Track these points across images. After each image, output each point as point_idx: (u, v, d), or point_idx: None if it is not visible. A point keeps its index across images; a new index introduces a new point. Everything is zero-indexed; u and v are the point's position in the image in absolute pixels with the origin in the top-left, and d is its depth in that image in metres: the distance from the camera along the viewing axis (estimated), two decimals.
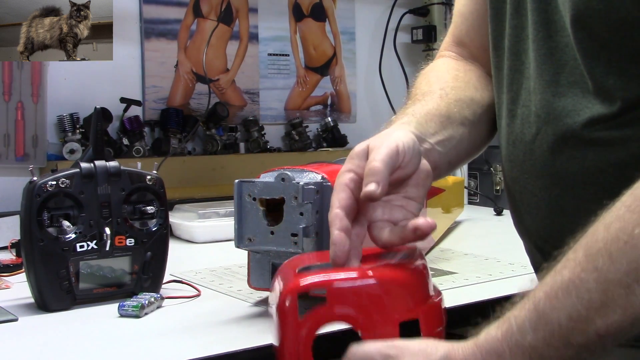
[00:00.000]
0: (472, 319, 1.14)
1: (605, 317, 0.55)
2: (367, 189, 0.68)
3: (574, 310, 0.56)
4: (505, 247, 1.43)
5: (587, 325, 0.56)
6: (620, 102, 0.65)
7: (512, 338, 0.59)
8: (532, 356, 0.58)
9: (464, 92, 0.88)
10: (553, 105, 0.71)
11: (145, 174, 1.03)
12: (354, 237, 0.70)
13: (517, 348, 0.58)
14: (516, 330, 0.59)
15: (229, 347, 0.81)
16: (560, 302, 0.57)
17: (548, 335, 0.57)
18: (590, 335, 0.56)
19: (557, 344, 0.57)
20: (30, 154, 1.67)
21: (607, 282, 0.55)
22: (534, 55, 0.73)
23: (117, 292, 1.01)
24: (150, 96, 1.90)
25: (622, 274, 0.55)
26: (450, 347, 0.62)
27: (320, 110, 2.20)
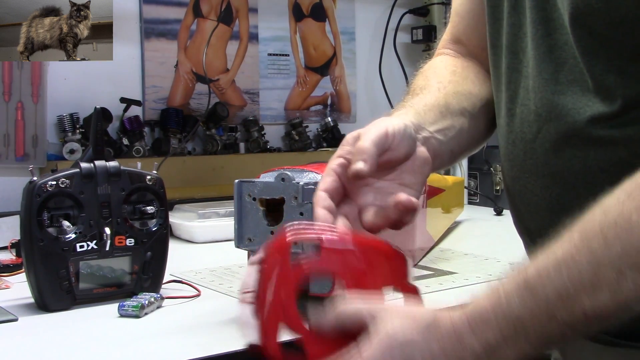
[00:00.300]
0: None
1: (593, 297, 0.55)
2: (354, 166, 0.68)
3: (563, 288, 0.57)
4: (505, 247, 1.43)
5: (575, 303, 0.56)
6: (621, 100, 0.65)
7: (499, 308, 0.59)
8: (517, 327, 0.58)
9: (462, 85, 0.88)
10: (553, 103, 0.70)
11: (145, 174, 1.03)
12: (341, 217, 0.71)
13: (504, 318, 0.59)
14: (504, 302, 0.59)
15: (229, 347, 0.81)
16: (551, 279, 0.57)
17: (535, 309, 0.58)
18: (576, 314, 0.56)
19: (543, 318, 0.57)
20: (30, 154, 1.67)
21: (599, 264, 0.55)
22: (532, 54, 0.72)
23: (117, 292, 1.01)
24: (150, 96, 1.90)
25: (615, 257, 0.55)
26: (439, 313, 0.62)
27: (320, 110, 2.21)
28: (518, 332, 0.58)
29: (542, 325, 0.58)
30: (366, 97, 2.28)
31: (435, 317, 0.62)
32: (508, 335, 0.59)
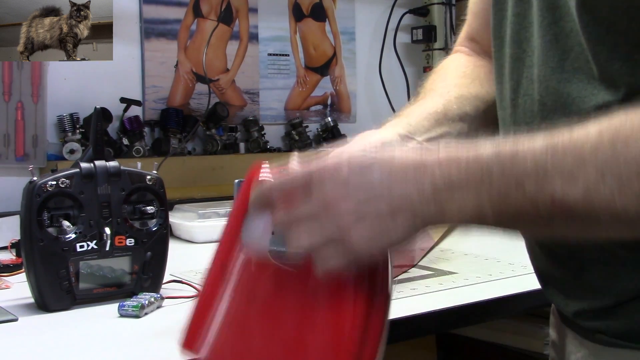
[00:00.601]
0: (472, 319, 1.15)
1: (567, 186, 0.55)
2: None
3: (543, 163, 0.56)
4: (505, 247, 1.43)
5: (547, 182, 0.55)
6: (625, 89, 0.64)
7: (473, 154, 0.59)
8: (483, 175, 0.57)
9: (468, 89, 0.89)
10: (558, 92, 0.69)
11: (145, 174, 1.03)
12: None
13: (475, 161, 0.58)
14: (481, 152, 0.58)
15: None
16: (534, 153, 0.56)
17: (508, 169, 0.57)
18: (544, 193, 0.55)
19: (511, 181, 0.56)
20: (30, 154, 1.67)
21: (584, 161, 0.54)
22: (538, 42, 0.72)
23: (117, 292, 1.01)
24: (150, 96, 1.90)
25: (602, 160, 0.54)
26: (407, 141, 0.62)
27: (320, 110, 2.21)
28: (483, 181, 0.57)
29: (508, 187, 0.57)
30: (366, 97, 2.28)
31: (404, 141, 0.61)
32: (472, 179, 0.58)
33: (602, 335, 0.71)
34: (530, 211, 0.57)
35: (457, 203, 0.59)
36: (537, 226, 0.59)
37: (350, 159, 0.62)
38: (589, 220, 0.56)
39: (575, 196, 0.55)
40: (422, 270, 1.22)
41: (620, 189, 0.53)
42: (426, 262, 1.28)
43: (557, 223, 0.57)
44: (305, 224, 0.63)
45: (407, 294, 1.05)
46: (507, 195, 0.57)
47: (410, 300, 1.03)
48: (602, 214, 0.55)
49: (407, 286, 1.10)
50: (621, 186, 0.53)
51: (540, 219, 0.57)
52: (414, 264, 1.24)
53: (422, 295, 1.05)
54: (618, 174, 0.53)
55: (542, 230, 0.60)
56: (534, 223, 0.59)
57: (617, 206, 0.54)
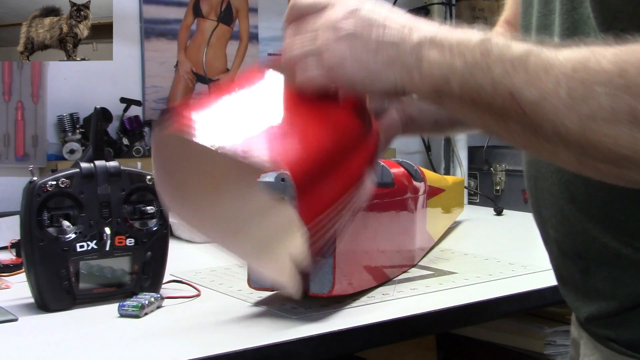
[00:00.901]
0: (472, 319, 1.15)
1: (527, 84, 0.57)
2: None
3: (510, 59, 0.58)
4: (505, 247, 1.43)
5: (513, 74, 0.58)
6: None
7: (453, 30, 0.63)
8: (463, 46, 0.61)
9: None
10: None
11: (145, 174, 1.03)
12: None
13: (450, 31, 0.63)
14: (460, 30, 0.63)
15: (229, 347, 0.81)
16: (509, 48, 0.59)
17: (486, 48, 0.60)
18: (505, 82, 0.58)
19: (484, 59, 0.59)
20: (30, 154, 1.67)
21: (549, 70, 0.56)
22: (558, 30, 0.72)
23: (117, 292, 1.01)
24: (150, 96, 1.90)
25: (562, 75, 0.56)
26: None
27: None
28: (461, 51, 0.61)
29: (480, 63, 0.59)
30: None
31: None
32: (455, 44, 0.62)
33: (613, 343, 0.71)
34: (489, 94, 0.59)
35: (433, 60, 0.62)
36: (491, 115, 0.61)
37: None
38: (535, 126, 0.57)
39: (530, 97, 0.57)
40: (422, 270, 1.22)
41: (569, 106, 0.55)
42: (426, 262, 1.28)
43: (508, 118, 0.59)
44: (302, 37, 0.68)
45: (407, 294, 1.05)
46: (475, 68, 0.60)
47: (410, 300, 1.03)
48: (547, 124, 0.56)
49: (407, 286, 1.10)
50: (571, 104, 0.55)
51: (495, 107, 0.60)
52: (414, 264, 1.24)
53: (422, 295, 1.06)
54: (571, 91, 0.55)
55: (493, 122, 0.62)
56: (488, 109, 0.60)
57: (562, 121, 0.56)
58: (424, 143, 2.25)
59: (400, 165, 1.22)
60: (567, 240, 0.74)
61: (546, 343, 1.46)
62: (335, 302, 0.98)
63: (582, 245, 0.72)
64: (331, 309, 0.96)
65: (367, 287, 1.06)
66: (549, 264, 0.81)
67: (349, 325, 0.90)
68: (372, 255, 1.08)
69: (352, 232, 0.98)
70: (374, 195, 1.05)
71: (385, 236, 1.10)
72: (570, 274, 0.76)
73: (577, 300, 0.76)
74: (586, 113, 0.54)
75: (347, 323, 0.91)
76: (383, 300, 1.02)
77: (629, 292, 0.68)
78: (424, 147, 2.26)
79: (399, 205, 1.15)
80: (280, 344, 0.84)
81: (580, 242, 0.72)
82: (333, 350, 0.89)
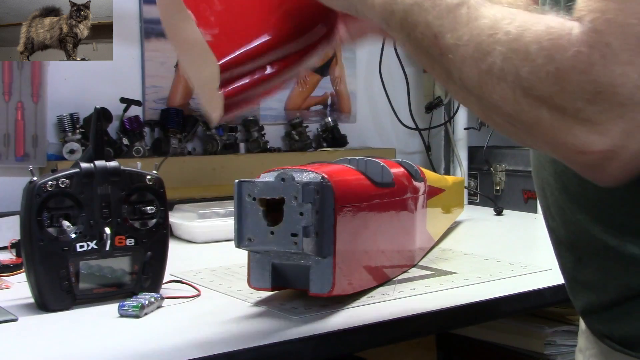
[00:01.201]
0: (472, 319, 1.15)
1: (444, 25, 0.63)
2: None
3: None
4: (505, 247, 1.43)
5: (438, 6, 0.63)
6: None
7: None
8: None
9: None
10: None
11: (145, 174, 1.03)
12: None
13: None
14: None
15: (229, 347, 0.81)
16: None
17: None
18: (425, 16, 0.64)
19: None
20: (30, 154, 1.67)
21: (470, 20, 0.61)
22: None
23: (117, 292, 1.01)
24: (150, 96, 1.90)
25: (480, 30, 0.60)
26: None
27: (320, 110, 2.20)
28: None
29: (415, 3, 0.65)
30: (366, 97, 2.28)
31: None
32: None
33: (608, 340, 0.73)
34: (420, 32, 0.64)
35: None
36: (422, 52, 0.66)
37: None
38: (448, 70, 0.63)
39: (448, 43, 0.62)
40: (422, 270, 1.22)
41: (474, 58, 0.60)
42: (426, 262, 1.28)
43: (432, 58, 0.64)
44: None
45: (407, 294, 1.05)
46: (415, 7, 0.65)
47: (410, 300, 1.03)
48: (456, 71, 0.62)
49: (407, 286, 1.10)
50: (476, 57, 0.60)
51: (424, 45, 0.65)
52: (414, 264, 1.24)
53: (422, 295, 1.06)
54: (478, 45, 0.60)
55: (423, 58, 0.67)
56: (419, 46, 0.66)
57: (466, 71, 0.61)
58: (424, 143, 2.25)
59: (400, 165, 1.22)
60: (563, 230, 0.76)
61: (546, 343, 1.46)
62: (335, 302, 0.98)
63: (575, 235, 0.74)
64: (331, 309, 0.96)
65: (367, 287, 1.06)
66: (549, 264, 0.82)
67: (349, 325, 0.90)
68: (372, 255, 1.08)
69: (352, 232, 0.98)
70: (374, 195, 1.05)
71: (385, 236, 1.10)
72: (566, 264, 0.78)
73: (573, 290, 0.78)
74: (484, 68, 0.59)
75: (347, 323, 0.91)
76: (383, 300, 1.02)
77: (617, 285, 0.70)
78: (424, 147, 2.26)
79: (399, 205, 1.15)
80: (280, 344, 0.84)
81: (572, 233, 0.74)
82: (333, 350, 0.89)
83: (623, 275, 0.69)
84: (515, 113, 0.59)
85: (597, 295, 0.73)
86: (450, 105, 2.29)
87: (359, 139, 2.22)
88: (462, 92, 0.63)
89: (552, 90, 0.56)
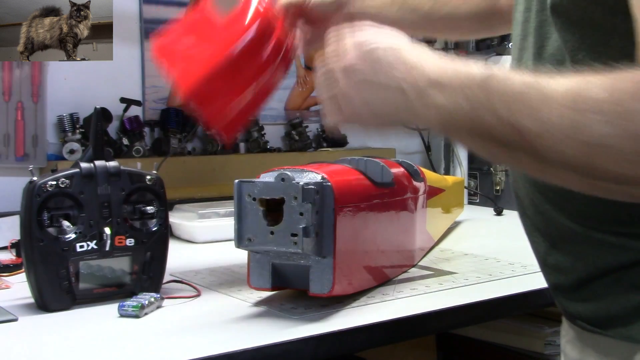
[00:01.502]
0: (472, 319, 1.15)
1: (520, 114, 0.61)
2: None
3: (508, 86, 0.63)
4: (505, 247, 1.43)
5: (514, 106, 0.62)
6: None
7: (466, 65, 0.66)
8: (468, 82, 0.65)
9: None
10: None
11: (145, 174, 1.03)
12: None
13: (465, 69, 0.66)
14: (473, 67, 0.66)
15: (229, 347, 0.81)
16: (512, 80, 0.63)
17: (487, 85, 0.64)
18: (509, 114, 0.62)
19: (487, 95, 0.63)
20: (30, 154, 1.67)
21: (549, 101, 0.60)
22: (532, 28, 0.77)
23: (117, 292, 1.01)
24: (150, 96, 1.90)
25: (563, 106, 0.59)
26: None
27: (320, 110, 2.20)
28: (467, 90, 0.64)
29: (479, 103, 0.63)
30: None
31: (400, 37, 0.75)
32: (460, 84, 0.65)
33: (580, 321, 0.78)
34: (494, 129, 0.63)
35: (440, 104, 0.66)
36: (498, 146, 0.65)
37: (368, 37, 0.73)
38: (540, 155, 0.61)
39: (533, 129, 0.60)
40: (422, 270, 1.22)
41: (569, 135, 0.59)
42: (426, 262, 1.28)
43: (514, 149, 0.63)
44: (327, 79, 0.75)
45: (407, 294, 1.05)
46: (480, 107, 0.63)
47: (410, 300, 1.03)
48: (551, 153, 0.60)
49: (407, 286, 1.10)
50: (571, 132, 0.59)
51: (501, 140, 0.63)
52: (414, 264, 1.24)
53: (422, 295, 1.06)
54: (569, 120, 0.59)
55: (500, 152, 0.66)
56: (495, 141, 0.64)
57: (564, 149, 0.60)
58: (424, 143, 2.25)
59: (400, 165, 1.22)
60: (536, 219, 0.80)
61: (546, 343, 1.46)
62: (335, 302, 0.98)
63: (545, 223, 0.78)
64: (331, 309, 0.96)
65: (367, 287, 1.06)
66: None
67: (349, 325, 0.90)
68: (372, 255, 1.08)
69: (352, 232, 0.98)
70: (374, 195, 1.05)
71: (385, 236, 1.10)
72: (539, 249, 0.82)
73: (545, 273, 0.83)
74: (585, 140, 0.58)
75: (347, 323, 0.91)
76: (383, 300, 1.02)
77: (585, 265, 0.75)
78: (424, 147, 2.26)
79: (399, 205, 1.15)
80: (280, 344, 0.84)
81: (543, 221, 0.79)
82: (333, 350, 0.89)
83: (592, 256, 0.73)
84: (633, 172, 0.59)
85: (566, 277, 0.78)
86: None
87: (359, 139, 2.21)
88: (558, 170, 0.62)
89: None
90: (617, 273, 0.72)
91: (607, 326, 0.73)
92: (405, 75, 0.69)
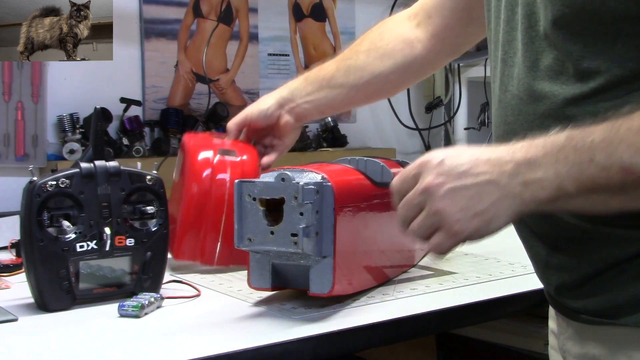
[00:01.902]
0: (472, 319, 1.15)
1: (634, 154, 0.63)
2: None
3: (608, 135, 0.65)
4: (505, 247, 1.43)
5: (615, 151, 0.64)
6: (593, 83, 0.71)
7: (548, 139, 0.69)
8: (559, 151, 0.67)
9: (367, 59, 1.15)
10: (532, 88, 0.77)
11: (145, 174, 1.03)
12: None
13: (550, 142, 0.68)
14: (552, 136, 0.69)
15: (229, 347, 0.81)
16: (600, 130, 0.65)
17: (579, 142, 0.66)
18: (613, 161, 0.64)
19: (584, 155, 0.65)
20: (30, 154, 1.67)
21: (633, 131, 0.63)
22: (520, 45, 0.79)
23: (117, 292, 1.01)
24: (150, 96, 1.90)
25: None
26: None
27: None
28: (559, 158, 0.67)
29: (581, 160, 0.65)
30: None
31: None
32: (549, 156, 0.67)
33: (583, 315, 0.78)
34: (604, 181, 0.65)
35: (538, 179, 0.68)
36: (612, 195, 0.67)
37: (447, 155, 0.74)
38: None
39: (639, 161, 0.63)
40: (422, 270, 1.22)
41: None
42: (426, 262, 1.28)
43: (629, 189, 0.65)
44: (411, 209, 0.75)
45: (407, 294, 1.05)
46: (581, 167, 0.65)
47: (410, 300, 1.03)
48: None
49: (407, 286, 1.10)
50: None
51: (613, 186, 0.65)
52: (414, 264, 1.24)
53: (422, 295, 1.06)
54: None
55: (618, 200, 0.67)
56: (609, 192, 0.66)
57: None
58: (424, 143, 2.25)
59: (400, 165, 1.22)
60: (539, 224, 0.81)
61: (546, 343, 1.46)
62: (335, 302, 0.98)
63: (550, 226, 0.79)
64: (331, 309, 0.96)
65: (367, 287, 1.06)
66: None
67: (349, 325, 0.90)
68: (372, 255, 1.08)
69: (352, 232, 0.98)
70: (374, 195, 1.05)
71: (385, 236, 1.10)
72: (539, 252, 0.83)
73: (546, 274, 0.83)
74: None
75: (347, 323, 0.91)
76: (383, 300, 1.02)
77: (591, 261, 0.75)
78: (424, 147, 2.26)
79: None
80: (280, 344, 0.84)
81: (548, 224, 0.79)
82: (333, 350, 0.89)
83: (599, 252, 0.74)
84: None
85: (571, 275, 0.78)
86: (450, 106, 2.29)
87: (359, 139, 2.22)
88: None
89: None
90: (623, 265, 0.73)
91: (615, 315, 0.74)
92: (488, 168, 0.71)
